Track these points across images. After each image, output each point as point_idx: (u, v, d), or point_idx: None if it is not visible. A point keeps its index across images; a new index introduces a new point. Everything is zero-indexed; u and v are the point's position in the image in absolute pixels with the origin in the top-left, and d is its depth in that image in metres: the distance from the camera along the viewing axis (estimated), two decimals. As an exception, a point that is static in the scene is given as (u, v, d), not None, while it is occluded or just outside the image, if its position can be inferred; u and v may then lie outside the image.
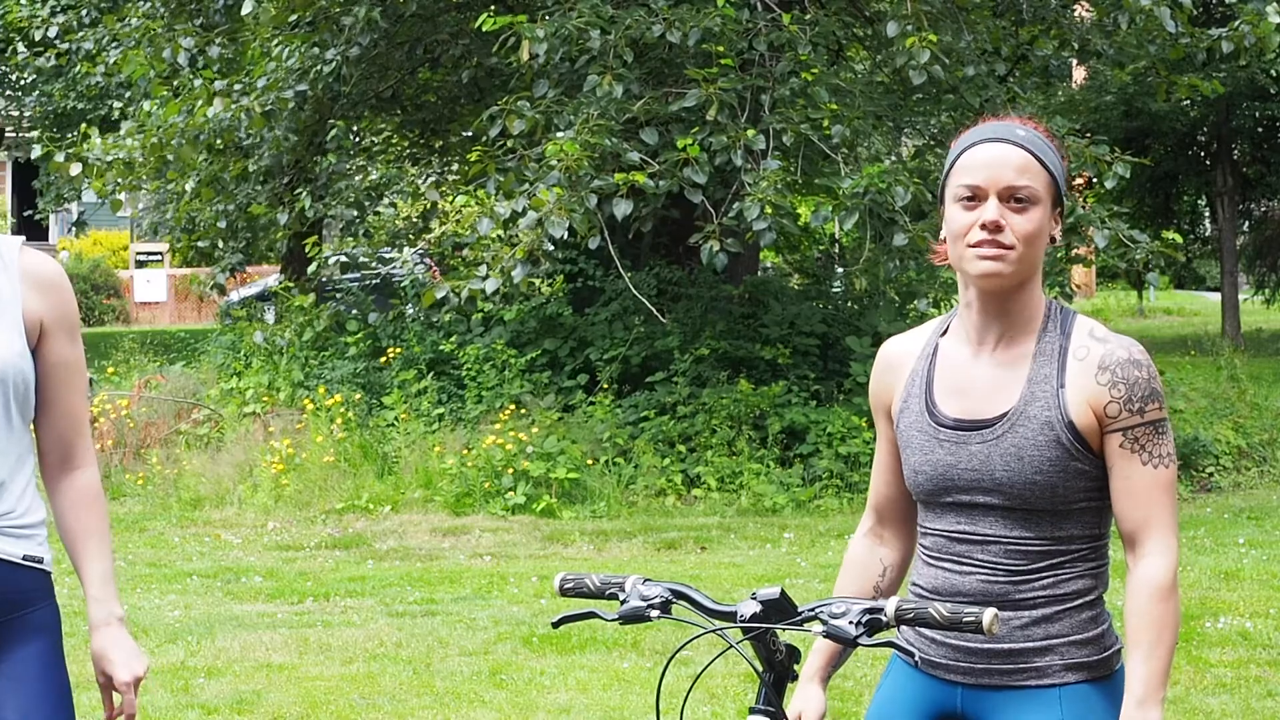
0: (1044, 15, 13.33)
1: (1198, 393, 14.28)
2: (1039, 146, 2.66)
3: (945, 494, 2.70)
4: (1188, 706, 6.34)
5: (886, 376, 2.83)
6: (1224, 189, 24.40)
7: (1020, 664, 2.67)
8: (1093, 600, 2.71)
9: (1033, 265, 2.66)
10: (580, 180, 10.71)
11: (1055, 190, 2.67)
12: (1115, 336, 2.66)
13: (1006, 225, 2.63)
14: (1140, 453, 2.61)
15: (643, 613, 2.61)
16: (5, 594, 2.88)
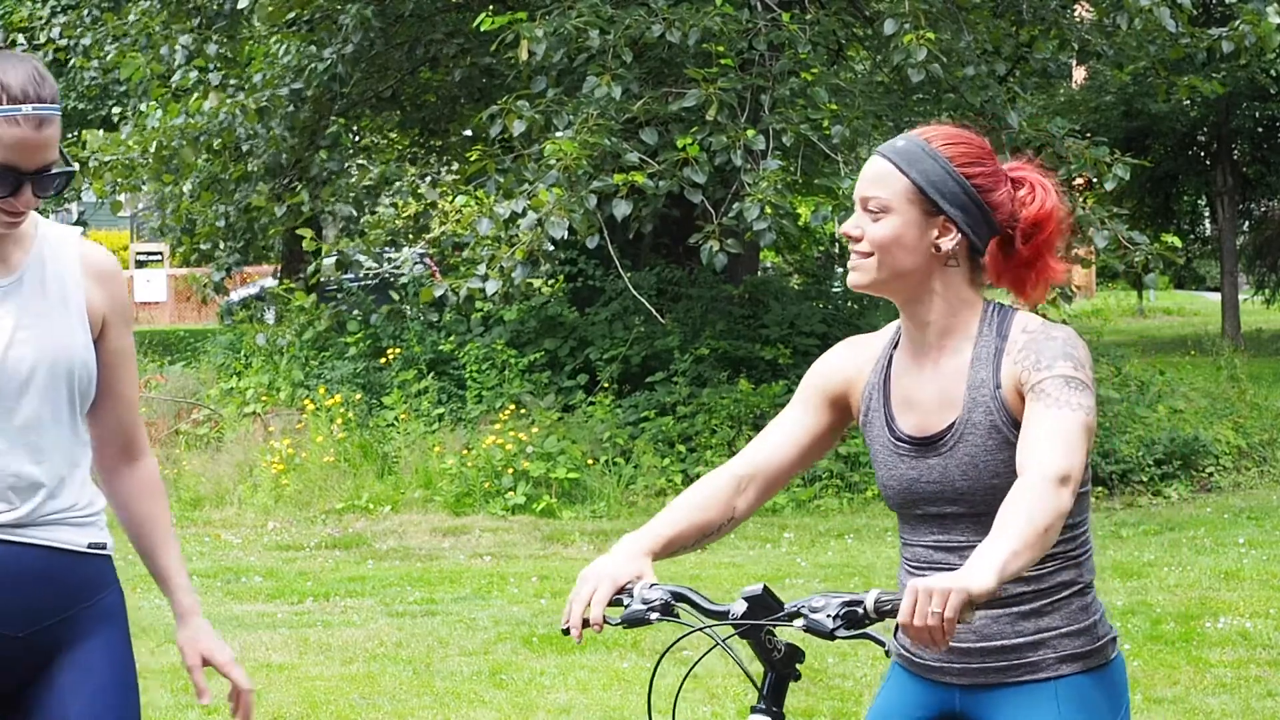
0: (1044, 15, 13.33)
1: (1198, 393, 14.28)
2: (906, 155, 2.65)
3: (915, 506, 2.72)
4: (1188, 706, 6.34)
5: (845, 371, 2.81)
6: (1224, 189, 24.40)
7: (1014, 660, 2.67)
8: (1081, 589, 2.70)
9: (899, 274, 2.65)
10: (580, 180, 10.72)
11: (922, 198, 2.63)
12: (1049, 325, 2.65)
13: (864, 234, 2.65)
14: (1044, 399, 2.53)
15: (643, 616, 2.61)
16: (74, 584, 2.88)
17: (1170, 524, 10.94)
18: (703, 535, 2.82)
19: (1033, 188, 2.73)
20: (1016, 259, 2.74)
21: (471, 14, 13.23)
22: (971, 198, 2.66)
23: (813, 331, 13.50)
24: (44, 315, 2.83)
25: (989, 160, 2.70)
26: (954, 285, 2.69)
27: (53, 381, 2.83)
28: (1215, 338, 20.46)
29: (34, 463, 2.83)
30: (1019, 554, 2.34)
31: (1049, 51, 13.83)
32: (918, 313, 2.70)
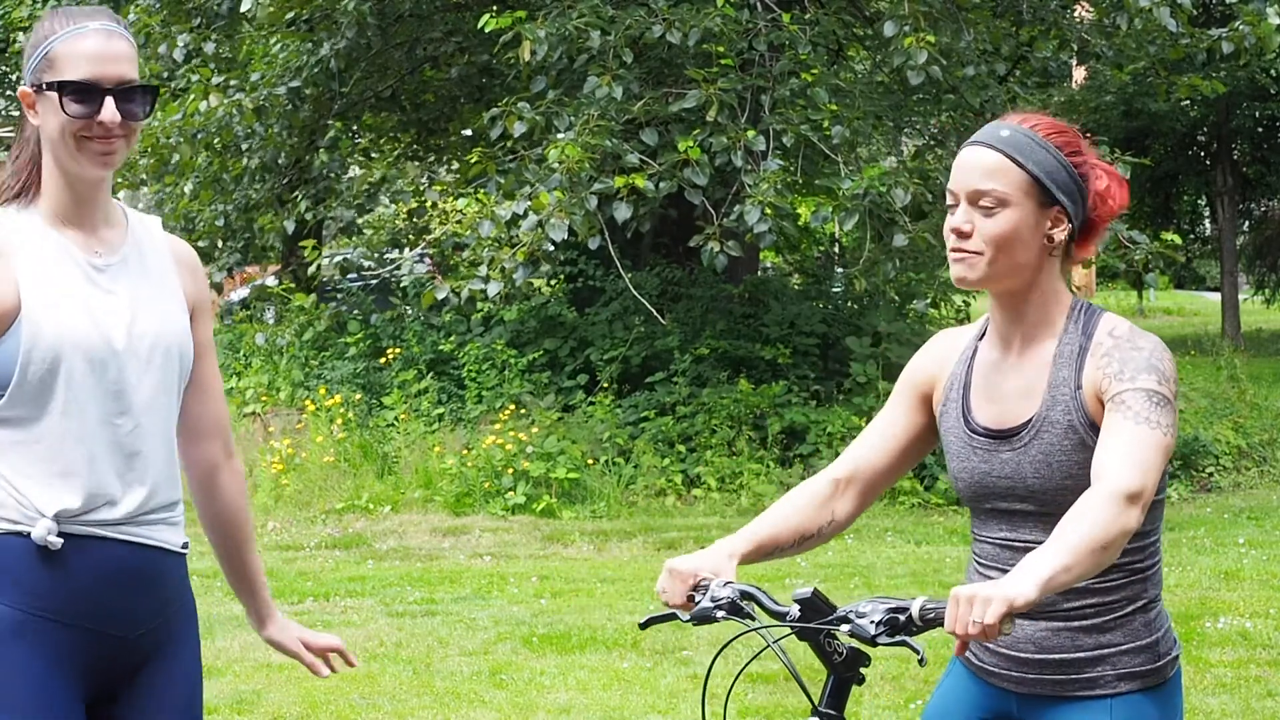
0: (1044, 16, 13.33)
1: (1198, 393, 14.29)
2: (1019, 146, 2.60)
3: (984, 500, 2.69)
4: (1188, 706, 6.34)
5: (931, 366, 2.81)
6: (1224, 189, 24.41)
7: (1072, 674, 2.64)
8: (1145, 605, 2.66)
9: (1013, 268, 2.62)
10: (581, 182, 10.72)
11: (1038, 189, 2.59)
12: (1135, 332, 2.61)
13: (975, 229, 2.60)
14: (1125, 412, 2.49)
15: (710, 614, 2.64)
16: (173, 585, 2.84)
17: (1170, 524, 10.94)
18: (800, 539, 2.82)
19: (1109, 185, 2.70)
20: (1081, 239, 2.71)
21: (470, 13, 13.23)
22: (1079, 187, 2.64)
23: (813, 331, 13.50)
24: (152, 296, 2.80)
25: (1085, 149, 2.68)
26: (1054, 276, 2.66)
27: (167, 363, 2.79)
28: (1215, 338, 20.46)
29: (149, 448, 2.79)
30: (1069, 568, 2.31)
31: (1049, 51, 13.83)
32: (1017, 305, 2.66)
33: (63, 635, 2.68)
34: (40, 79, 2.69)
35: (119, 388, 2.72)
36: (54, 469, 2.68)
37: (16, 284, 2.66)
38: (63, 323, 2.66)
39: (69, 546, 2.68)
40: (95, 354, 2.68)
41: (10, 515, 2.68)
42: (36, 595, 2.66)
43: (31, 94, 2.71)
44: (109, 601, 2.72)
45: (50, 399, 2.66)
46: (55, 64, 2.67)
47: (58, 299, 2.67)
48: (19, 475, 2.67)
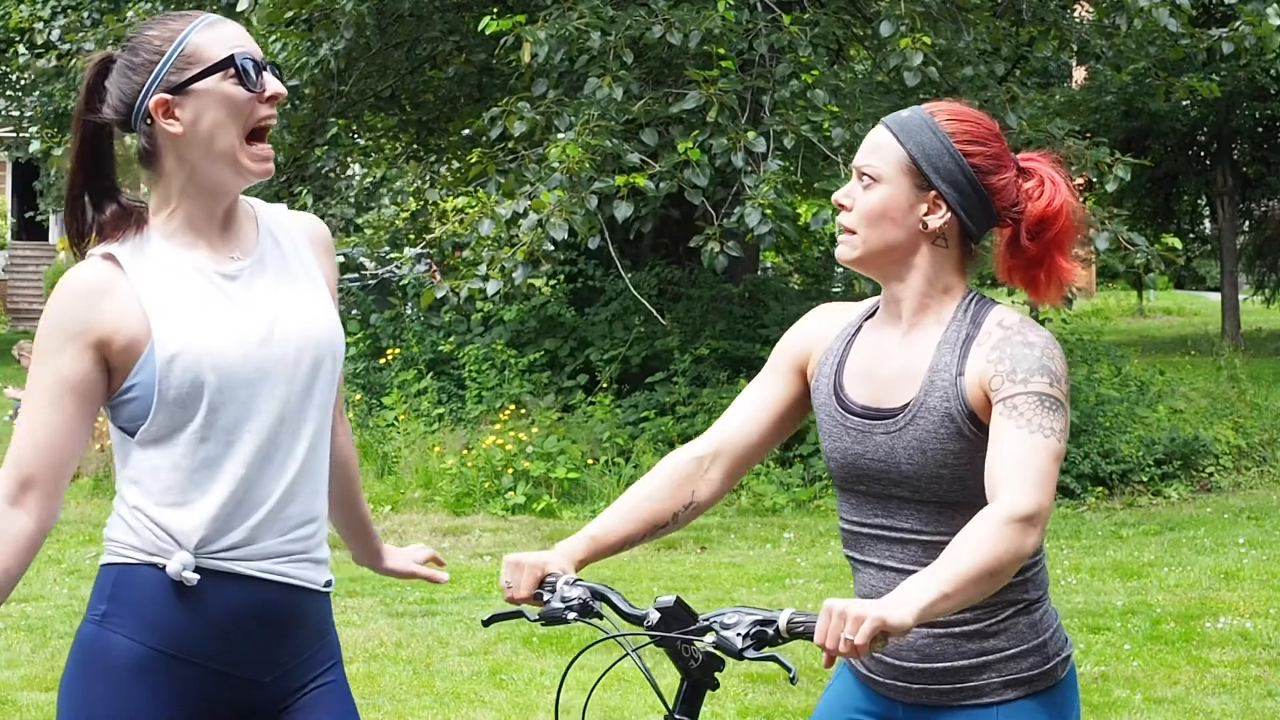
0: (1043, 16, 13.33)
1: (1198, 393, 14.29)
2: (906, 126, 2.56)
3: (857, 482, 2.59)
4: (1188, 706, 6.34)
5: (808, 338, 2.72)
6: (1224, 189, 24.41)
7: (956, 683, 2.56)
8: (1027, 607, 2.57)
9: (886, 248, 2.55)
10: (581, 182, 10.72)
11: (916, 170, 2.53)
12: (1026, 324, 2.52)
13: (853, 205, 2.57)
14: (1017, 418, 2.40)
15: (560, 615, 2.53)
16: (314, 624, 2.71)
17: (1170, 524, 10.94)
18: (654, 528, 2.69)
19: (1041, 181, 2.60)
20: (1024, 256, 2.59)
21: (470, 13, 13.23)
22: (968, 177, 2.55)
23: (813, 331, 13.50)
24: (294, 295, 2.62)
25: (993, 142, 2.60)
26: (939, 267, 2.57)
27: (316, 369, 2.61)
28: (1215, 338, 20.46)
29: (298, 472, 2.60)
30: (950, 597, 2.22)
31: (1049, 52, 13.83)
32: (896, 288, 2.59)
33: (190, 675, 2.53)
34: (182, 77, 2.52)
35: (265, 405, 2.55)
36: (193, 498, 2.53)
37: (143, 309, 2.50)
38: (197, 341, 2.50)
39: (205, 582, 2.52)
40: (234, 370, 2.52)
41: (145, 546, 2.54)
42: (165, 632, 2.52)
43: (169, 99, 2.52)
44: (244, 643, 2.56)
45: (190, 422, 2.51)
46: (198, 55, 2.52)
47: (188, 317, 2.51)
48: (156, 504, 2.54)
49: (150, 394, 2.50)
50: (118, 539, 2.58)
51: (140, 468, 2.54)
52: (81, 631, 2.61)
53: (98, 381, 2.52)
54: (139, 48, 2.56)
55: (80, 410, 2.51)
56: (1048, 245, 2.58)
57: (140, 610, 2.53)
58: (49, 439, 2.51)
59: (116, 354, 2.51)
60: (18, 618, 8.26)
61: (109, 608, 2.56)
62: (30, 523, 2.51)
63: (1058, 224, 2.57)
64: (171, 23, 2.56)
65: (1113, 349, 15.66)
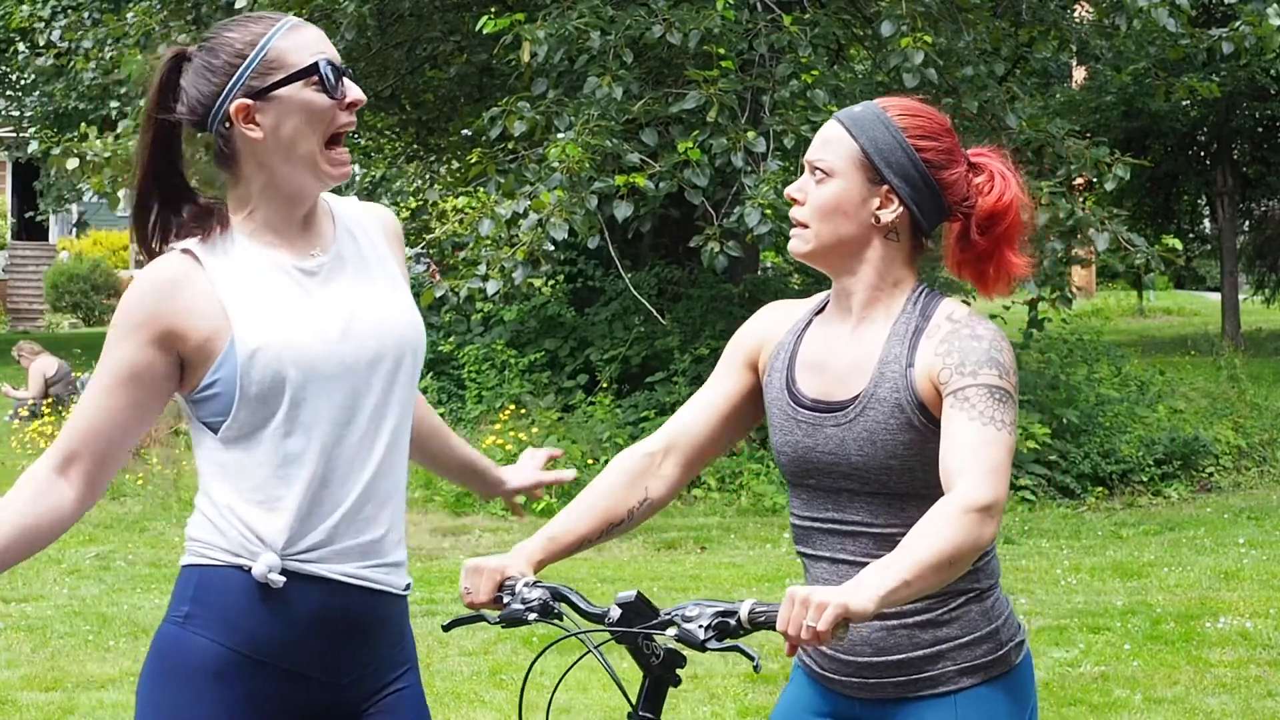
0: (1043, 17, 13.33)
1: (1198, 393, 14.30)
2: (859, 120, 2.57)
3: (807, 476, 2.60)
4: (1188, 706, 6.34)
5: (759, 333, 2.73)
6: (1224, 189, 24.42)
7: (912, 674, 2.56)
8: (978, 594, 2.57)
9: (838, 242, 2.57)
10: (581, 182, 10.72)
11: (868, 164, 2.54)
12: (974, 318, 2.53)
13: (805, 199, 2.58)
14: (969, 410, 2.42)
15: (521, 616, 2.50)
16: (394, 629, 2.64)
17: (1170, 524, 10.94)
18: (609, 526, 2.68)
19: (992, 176, 2.61)
20: (974, 250, 2.61)
21: (469, 13, 13.23)
22: (920, 172, 2.55)
23: (813, 332, 13.50)
24: (373, 290, 2.60)
25: (945, 137, 2.59)
26: (890, 260, 2.58)
27: (397, 364, 2.58)
28: (1215, 338, 20.47)
29: (380, 470, 2.57)
30: (910, 584, 2.23)
31: (1049, 52, 13.83)
32: (846, 282, 2.60)
33: (269, 678, 2.51)
34: (264, 83, 2.50)
35: (347, 400, 2.52)
36: (277, 496, 2.50)
37: (222, 305, 2.48)
38: (278, 336, 2.48)
39: (288, 585, 2.49)
40: (316, 365, 2.49)
41: (231, 546, 2.51)
42: (248, 634, 2.49)
43: (250, 105, 2.50)
44: (324, 646, 2.53)
45: (272, 418, 2.48)
46: (281, 60, 2.50)
47: (269, 312, 2.49)
48: (244, 502, 2.50)
49: (232, 389, 2.48)
50: (202, 538, 2.54)
51: (225, 465, 2.52)
52: (162, 632, 2.59)
53: (163, 375, 2.50)
54: (219, 49, 2.54)
55: (138, 400, 2.49)
56: (997, 240, 2.59)
57: (224, 613, 2.50)
58: (99, 423, 2.49)
59: (193, 349, 2.49)
60: (18, 618, 8.26)
61: (192, 609, 2.54)
62: (70, 494, 2.49)
63: (1007, 219, 2.59)
64: (252, 25, 2.54)
65: (1113, 349, 15.66)
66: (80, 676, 6.99)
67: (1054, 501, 11.92)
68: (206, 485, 2.55)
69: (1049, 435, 12.13)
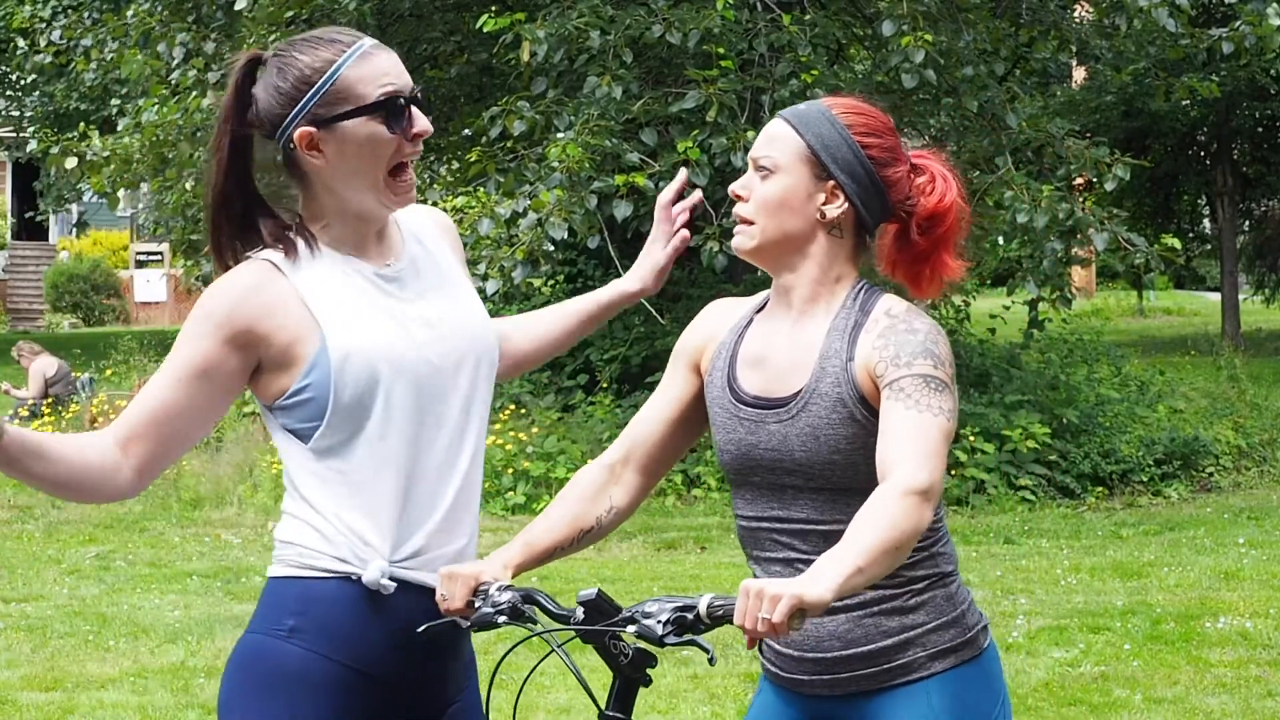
0: (1043, 17, 13.33)
1: (1198, 393, 14.30)
2: (804, 117, 2.58)
3: (751, 473, 2.59)
4: (1188, 706, 6.34)
5: (701, 334, 2.73)
6: (1224, 189, 24.41)
7: (883, 664, 2.55)
8: (940, 579, 2.57)
9: (784, 239, 2.58)
10: (581, 181, 10.72)
11: (814, 160, 2.55)
12: (912, 312, 2.53)
13: (749, 195, 2.59)
14: (904, 400, 2.42)
15: (491, 619, 2.49)
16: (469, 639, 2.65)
17: (1170, 524, 10.94)
18: (581, 534, 2.68)
19: (933, 178, 2.62)
20: (912, 250, 2.62)
21: (469, 13, 13.24)
22: (865, 168, 2.57)
23: (813, 331, 13.50)
24: (449, 295, 2.61)
25: (888, 135, 2.60)
26: (833, 256, 2.59)
27: (477, 368, 2.59)
28: (1215, 338, 20.47)
29: (467, 472, 2.56)
30: (862, 570, 2.22)
31: (1049, 52, 13.83)
32: (788, 278, 2.61)
33: (362, 690, 2.49)
34: (330, 113, 2.47)
35: (437, 404, 2.52)
36: (378, 501, 2.48)
37: (308, 310, 2.47)
38: (369, 338, 2.47)
39: (395, 594, 2.48)
40: (407, 367, 2.49)
41: (340, 554, 2.47)
42: (352, 646, 2.47)
43: (314, 133, 2.48)
44: (419, 657, 2.53)
45: (367, 422, 2.47)
46: (349, 92, 2.47)
47: (358, 317, 2.48)
48: (348, 509, 2.48)
49: (325, 394, 2.46)
50: (308, 545, 2.50)
51: (321, 473, 2.49)
52: (259, 644, 2.51)
53: (232, 374, 2.47)
54: (287, 70, 2.50)
55: (202, 395, 2.46)
56: (936, 241, 2.61)
57: (329, 625, 2.47)
58: (161, 414, 2.46)
59: (277, 353, 2.47)
60: (18, 618, 8.26)
61: (297, 623, 2.48)
62: (126, 466, 2.44)
63: (947, 221, 2.60)
64: (323, 51, 2.50)
65: (1113, 349, 15.67)
66: (80, 676, 6.99)
67: (1054, 501, 11.92)
68: (304, 493, 2.51)
69: (1049, 435, 12.13)
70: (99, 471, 2.41)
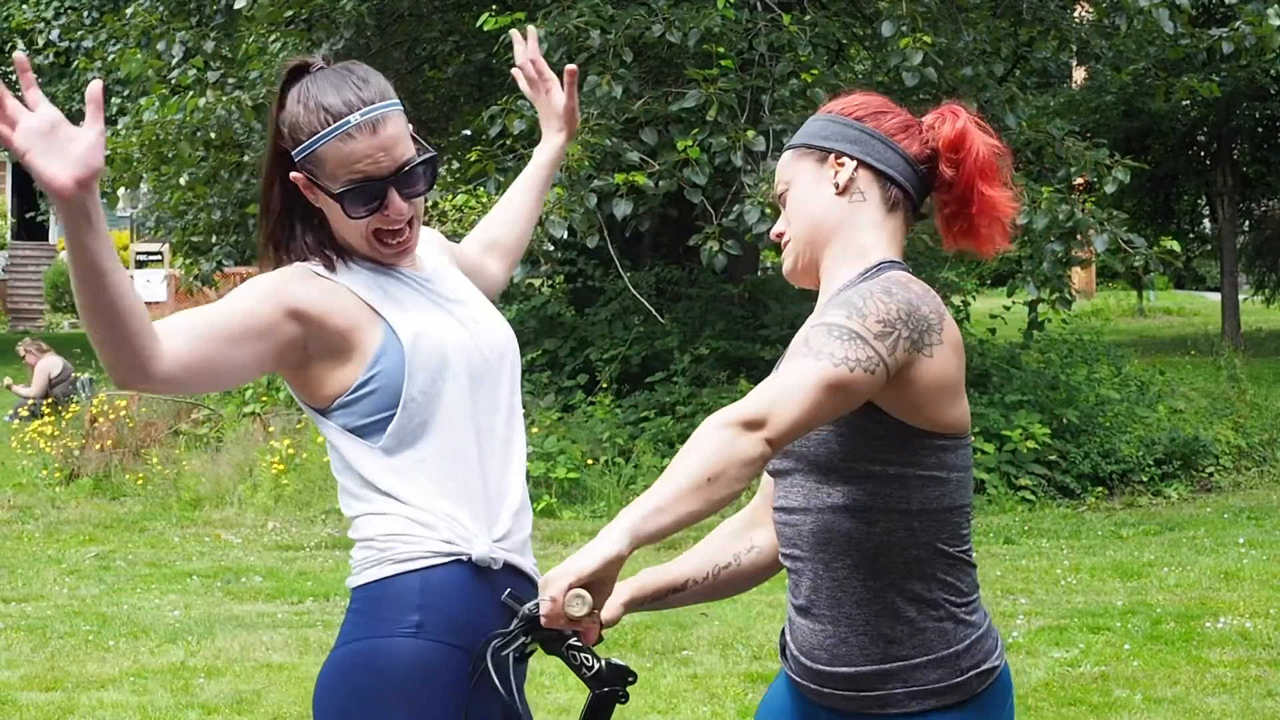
0: (1043, 17, 13.33)
1: (1198, 393, 14.29)
2: (800, 132, 2.53)
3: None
4: (1188, 706, 6.34)
5: None
6: (1224, 189, 24.42)
7: (862, 690, 2.39)
8: (938, 608, 2.37)
9: (814, 232, 2.46)
10: (580, 180, 10.72)
11: (808, 150, 2.49)
12: (887, 280, 2.34)
13: (785, 224, 2.51)
14: (800, 347, 2.24)
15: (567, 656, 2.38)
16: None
17: (1170, 524, 10.94)
18: (716, 569, 2.58)
19: (941, 114, 2.50)
20: (954, 195, 2.48)
21: (469, 12, 13.23)
22: (858, 128, 2.47)
23: (813, 331, 13.49)
24: (477, 299, 2.66)
25: (874, 101, 2.52)
26: (857, 224, 2.44)
27: (515, 368, 2.64)
28: (1215, 338, 20.46)
29: (517, 457, 2.59)
30: (664, 509, 2.08)
31: (1049, 52, 13.83)
32: (825, 265, 2.48)
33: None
34: (313, 173, 2.50)
35: (492, 393, 2.55)
36: (464, 487, 2.48)
37: (366, 303, 2.48)
38: (431, 322, 2.50)
39: (500, 573, 2.48)
40: (469, 354, 2.52)
41: (447, 536, 2.46)
42: (471, 629, 2.42)
43: (304, 180, 2.52)
44: None
45: (440, 406, 2.47)
46: (323, 168, 2.49)
47: (414, 304, 2.52)
48: (435, 498, 2.46)
49: (398, 379, 2.44)
50: (413, 534, 2.45)
51: (399, 466, 2.46)
52: (374, 650, 2.43)
53: (280, 345, 2.42)
54: (298, 112, 2.51)
55: (246, 342, 2.39)
56: (970, 173, 2.46)
57: (453, 613, 2.43)
58: (202, 330, 2.36)
59: (332, 340, 2.45)
60: (18, 618, 8.26)
61: (423, 617, 2.42)
62: (164, 350, 2.30)
63: (971, 144, 2.45)
64: (324, 106, 2.49)
65: (1113, 349, 15.66)
66: (80, 676, 6.99)
67: (1054, 501, 11.92)
68: (386, 489, 2.47)
69: (1049, 435, 12.13)
70: (142, 322, 2.25)
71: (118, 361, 2.25)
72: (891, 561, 2.35)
